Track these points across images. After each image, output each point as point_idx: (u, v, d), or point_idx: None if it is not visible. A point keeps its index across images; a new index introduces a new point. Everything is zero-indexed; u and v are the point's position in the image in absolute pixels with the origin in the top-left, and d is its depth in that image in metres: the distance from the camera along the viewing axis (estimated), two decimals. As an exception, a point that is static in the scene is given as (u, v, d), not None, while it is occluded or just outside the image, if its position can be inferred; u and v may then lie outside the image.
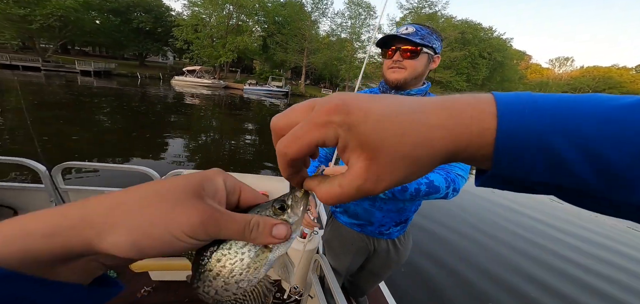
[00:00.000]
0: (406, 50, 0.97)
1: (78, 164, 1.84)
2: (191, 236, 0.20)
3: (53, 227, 0.18)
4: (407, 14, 34.61)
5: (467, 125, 0.19)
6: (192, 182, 0.22)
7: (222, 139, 8.88)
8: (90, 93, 14.79)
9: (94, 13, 29.84)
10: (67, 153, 5.65)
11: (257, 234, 0.23)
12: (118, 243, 0.19)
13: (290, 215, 0.25)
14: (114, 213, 0.19)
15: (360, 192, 0.20)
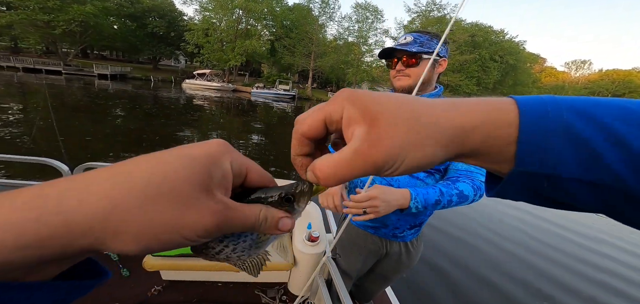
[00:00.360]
0: (405, 60, 1.03)
1: (99, 164, 1.96)
2: (204, 236, 0.20)
3: (50, 228, 0.15)
4: (415, 17, 34.43)
5: (478, 111, 0.19)
6: (198, 171, 0.20)
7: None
8: (106, 96, 15.54)
9: (112, 18, 31.33)
10: (82, 153, 5.91)
11: (265, 227, 0.24)
12: (125, 249, 0.17)
13: (295, 208, 0.26)
14: (114, 218, 0.17)
15: (358, 156, 0.20)
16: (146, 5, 32.66)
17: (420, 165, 0.20)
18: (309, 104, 27.66)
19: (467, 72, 33.30)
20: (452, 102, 0.21)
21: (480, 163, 0.21)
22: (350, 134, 0.21)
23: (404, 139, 0.20)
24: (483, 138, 0.20)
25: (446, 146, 0.20)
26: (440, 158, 0.20)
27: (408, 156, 0.20)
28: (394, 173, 0.21)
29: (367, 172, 0.20)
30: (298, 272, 1.60)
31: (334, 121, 0.22)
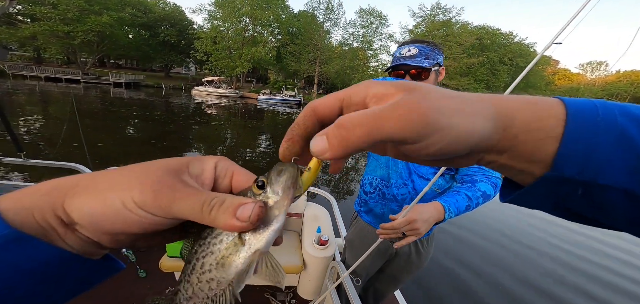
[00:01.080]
0: (414, 71, 1.03)
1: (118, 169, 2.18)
2: (141, 206, 0.19)
3: (49, 187, 0.19)
4: (420, 21, 34.35)
5: (522, 100, 0.18)
6: (177, 161, 0.21)
7: (238, 146, 9.33)
8: (121, 103, 16.22)
9: (127, 28, 32.91)
10: (100, 157, 6.21)
11: (217, 212, 0.20)
12: (79, 206, 0.19)
13: (270, 195, 0.21)
14: (95, 179, 0.20)
15: (399, 108, 0.17)
16: (158, 14, 34.25)
17: (469, 136, 0.18)
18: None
19: (475, 75, 32.76)
20: (487, 98, 0.19)
21: (510, 161, 0.19)
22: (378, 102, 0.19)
23: (450, 104, 0.18)
24: (524, 127, 0.18)
25: (494, 120, 0.18)
26: (488, 133, 0.18)
27: (457, 122, 0.17)
28: (437, 145, 0.17)
29: (405, 135, 0.17)
30: (307, 275, 1.62)
31: (353, 103, 0.20)
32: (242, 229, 0.20)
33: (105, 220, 0.19)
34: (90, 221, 0.19)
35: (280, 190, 0.21)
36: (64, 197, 0.19)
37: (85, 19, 25.44)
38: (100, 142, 7.74)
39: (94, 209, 0.19)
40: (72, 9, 24.80)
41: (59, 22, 24.66)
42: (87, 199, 0.19)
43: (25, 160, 1.87)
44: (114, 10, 27.88)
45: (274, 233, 0.21)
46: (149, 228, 0.20)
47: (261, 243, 0.21)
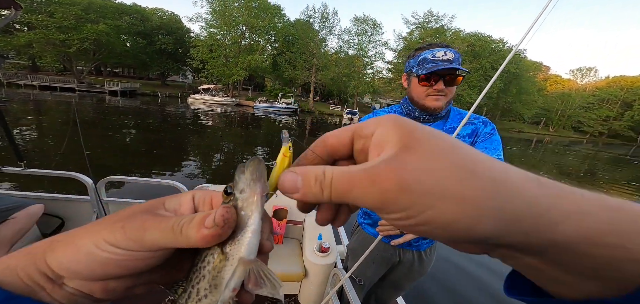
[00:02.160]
0: (449, 79, 0.95)
1: (120, 178, 2.03)
2: (112, 244, 0.19)
3: (31, 247, 0.20)
4: (414, 28, 35.10)
5: (580, 201, 0.14)
6: (153, 201, 0.22)
7: (235, 154, 9.32)
8: (117, 112, 16.17)
9: (124, 36, 33.08)
10: (97, 166, 6.36)
11: (187, 229, 0.20)
12: (57, 258, 0.19)
13: (237, 195, 0.21)
14: (67, 234, 0.20)
15: (367, 177, 0.16)
16: (155, 23, 34.55)
17: (447, 229, 0.15)
18: (311, 117, 28.14)
19: (469, 82, 33.42)
20: (527, 173, 0.16)
21: (545, 266, 0.15)
22: (375, 155, 0.18)
23: (439, 182, 0.15)
24: (579, 238, 0.14)
25: (504, 220, 0.14)
26: (482, 234, 0.14)
27: (435, 206, 0.15)
28: (403, 222, 0.16)
29: (367, 200, 0.16)
30: (309, 283, 1.60)
31: (362, 136, 0.20)
32: (213, 236, 0.20)
33: (82, 266, 0.19)
34: (69, 269, 0.19)
35: (246, 187, 0.20)
36: (45, 252, 0.20)
37: (81, 27, 25.59)
38: (95, 151, 7.76)
39: (69, 256, 0.19)
40: (69, 17, 24.97)
41: (55, 30, 24.75)
42: (63, 250, 0.19)
43: (25, 169, 1.84)
44: (110, 19, 28.11)
45: (252, 235, 0.20)
46: (131, 266, 0.20)
47: (241, 250, 0.20)
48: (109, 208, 2.04)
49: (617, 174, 13.64)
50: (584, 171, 13.24)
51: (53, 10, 24.36)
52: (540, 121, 54.67)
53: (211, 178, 6.41)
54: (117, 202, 2.06)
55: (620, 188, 10.33)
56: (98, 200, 1.90)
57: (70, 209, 1.97)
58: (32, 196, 1.92)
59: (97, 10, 27.35)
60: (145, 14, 35.16)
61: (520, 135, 41.35)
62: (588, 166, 15.41)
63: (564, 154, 21.91)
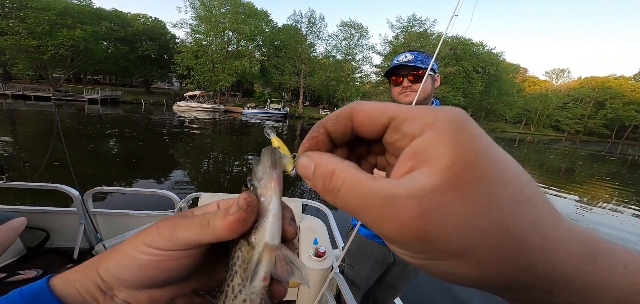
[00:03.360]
0: (412, 76, 1.08)
1: (107, 189, 2.00)
2: (149, 245, 0.21)
3: (85, 263, 0.23)
4: (399, 32, 35.96)
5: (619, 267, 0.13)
6: (183, 212, 0.24)
7: (223, 162, 9.04)
8: (97, 121, 15.47)
9: (105, 43, 31.93)
10: (80, 178, 5.93)
11: (214, 221, 0.21)
12: (106, 268, 0.22)
13: (256, 184, 0.22)
14: (123, 243, 0.22)
15: (385, 208, 0.13)
16: (137, 28, 33.60)
17: (463, 282, 0.13)
18: (301, 122, 28.02)
19: (452, 83, 34.48)
20: (590, 238, 0.13)
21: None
22: (404, 170, 0.14)
23: (475, 247, 0.12)
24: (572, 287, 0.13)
25: (521, 285, 0.13)
26: (483, 287, 0.13)
27: (456, 266, 0.13)
28: (409, 260, 0.14)
29: (375, 229, 0.14)
30: (306, 288, 1.59)
31: (402, 133, 0.15)
32: (238, 222, 0.20)
33: (126, 271, 0.21)
34: (116, 277, 0.21)
35: (263, 175, 0.21)
36: (98, 264, 0.22)
37: (56, 33, 24.50)
38: (77, 161, 7.30)
39: (115, 263, 0.21)
40: (42, 22, 23.84)
41: (27, 36, 23.54)
42: (111, 259, 0.22)
43: (7, 182, 1.80)
44: (88, 24, 27.05)
45: (273, 219, 0.21)
46: (167, 268, 0.21)
47: (265, 235, 0.21)
48: (97, 219, 1.99)
49: (593, 170, 14.26)
50: (564, 169, 13.76)
51: (25, 15, 23.16)
52: (522, 121, 57.07)
53: (201, 186, 6.19)
54: (106, 213, 2.01)
55: (596, 184, 10.82)
56: (85, 211, 1.86)
57: (56, 222, 1.92)
58: (14, 209, 1.86)
59: (73, 15, 26.23)
60: (127, 20, 34.20)
61: (504, 135, 42.89)
62: (568, 163, 16.04)
63: (545, 152, 22.76)
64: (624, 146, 42.94)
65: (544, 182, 9.81)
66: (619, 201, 7.89)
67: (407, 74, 1.09)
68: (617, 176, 12.75)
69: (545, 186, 8.97)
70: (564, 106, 55.24)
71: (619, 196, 8.68)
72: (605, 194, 8.65)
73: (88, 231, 1.97)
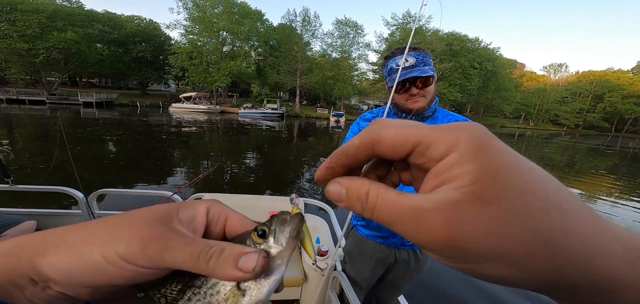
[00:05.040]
0: (420, 84, 1.03)
1: (112, 190, 2.05)
2: (125, 259, 0.17)
3: (10, 247, 0.18)
4: (395, 29, 35.77)
5: None
6: (167, 207, 0.20)
7: (223, 163, 8.86)
8: (93, 124, 15.31)
9: (99, 45, 31.67)
10: (71, 183, 5.97)
11: (216, 262, 0.18)
12: (53, 264, 0.17)
13: (272, 244, 0.20)
14: (66, 234, 0.18)
15: (414, 220, 0.14)
16: (130, 30, 33.32)
17: (491, 280, 0.14)
18: (298, 121, 27.84)
19: (449, 80, 34.31)
20: (636, 238, 0.14)
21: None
22: (431, 186, 0.15)
23: (506, 251, 0.13)
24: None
25: (561, 287, 0.14)
26: (529, 288, 0.14)
27: (489, 268, 0.14)
28: (440, 261, 0.15)
29: (410, 238, 0.15)
30: (309, 287, 1.59)
31: (427, 157, 0.16)
32: (244, 280, 0.19)
33: (84, 276, 0.17)
34: (66, 277, 0.18)
35: (284, 241, 0.20)
36: (33, 256, 0.18)
37: (47, 36, 24.26)
38: (77, 164, 7.08)
39: (70, 265, 0.17)
40: (33, 25, 23.61)
41: (17, 39, 23.32)
42: (61, 256, 0.18)
43: (13, 186, 1.83)
44: (80, 27, 26.81)
45: (275, 283, 0.20)
46: (135, 280, 0.18)
47: (263, 294, 0.19)
48: None
49: (592, 164, 14.07)
50: (564, 163, 13.58)
51: (14, 18, 22.94)
52: (521, 116, 56.90)
53: (200, 187, 6.10)
54: (111, 215, 1.94)
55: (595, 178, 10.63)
56: (90, 213, 1.90)
57: (62, 224, 1.83)
58: (22, 212, 1.91)
59: (64, 18, 25.99)
60: (120, 22, 33.95)
61: (503, 130, 42.69)
62: (568, 158, 15.87)
63: (544, 146, 22.60)
64: (624, 138, 42.80)
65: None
66: (618, 196, 7.69)
67: (416, 82, 1.04)
68: (617, 170, 12.56)
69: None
70: (563, 101, 55.07)
71: (619, 190, 8.49)
72: (604, 189, 8.46)
73: None
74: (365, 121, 1.22)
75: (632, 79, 51.09)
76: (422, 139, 0.16)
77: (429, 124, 0.16)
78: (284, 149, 12.08)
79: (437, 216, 0.13)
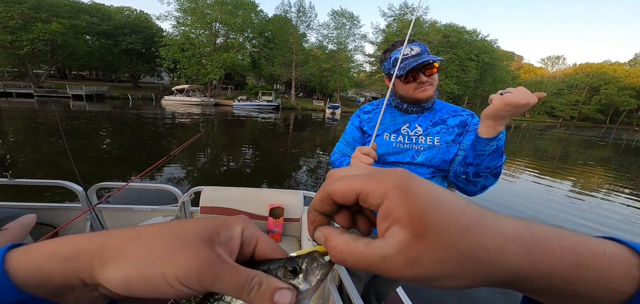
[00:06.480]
0: (429, 72, 1.02)
1: (110, 184, 2.05)
2: (183, 283, 0.19)
3: (72, 252, 0.19)
4: (392, 21, 35.21)
5: (555, 252, 0.17)
6: (209, 226, 0.22)
7: (217, 155, 8.73)
8: (83, 117, 14.89)
9: (88, 37, 30.72)
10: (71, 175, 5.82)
11: (256, 295, 0.21)
12: (112, 276, 0.19)
13: (302, 281, 0.22)
14: (124, 246, 0.20)
15: (384, 265, 0.18)
16: (118, 21, 32.30)
17: (446, 289, 0.18)
18: (293, 114, 27.52)
19: (446, 71, 34.02)
20: (524, 235, 0.17)
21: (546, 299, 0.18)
22: (384, 229, 0.19)
23: (449, 271, 0.17)
24: (547, 286, 0.17)
25: (496, 283, 0.18)
26: (480, 287, 0.18)
27: (445, 283, 0.17)
28: (424, 286, 0.18)
29: (381, 273, 0.18)
30: None
31: (368, 203, 0.20)
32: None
33: (141, 289, 0.19)
34: (124, 289, 0.19)
35: (314, 282, 0.22)
36: (93, 265, 0.19)
37: (30, 27, 23.42)
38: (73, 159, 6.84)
39: (130, 279, 0.19)
40: (15, 16, 22.78)
41: (1, 30, 22.57)
42: (121, 270, 0.19)
43: (12, 180, 1.85)
44: (65, 18, 25.93)
45: None
46: (180, 297, 0.20)
47: None
48: (103, 215, 2.08)
49: (584, 156, 14.14)
50: (557, 155, 13.59)
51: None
52: (517, 108, 56.86)
53: (198, 180, 6.08)
54: (111, 209, 2.09)
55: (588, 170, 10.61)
56: (91, 206, 1.91)
57: (63, 218, 1.97)
58: (23, 206, 1.93)
59: (48, 9, 25.05)
60: (108, 13, 32.89)
61: (498, 122, 42.64)
62: (561, 150, 15.88)
63: (540, 138, 22.64)
64: (619, 130, 43.18)
65: (538, 169, 9.56)
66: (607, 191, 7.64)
67: (423, 70, 1.02)
68: (607, 162, 12.59)
69: (538, 174, 8.71)
70: (559, 93, 55.22)
71: (609, 184, 8.45)
72: (594, 183, 8.42)
73: (95, 226, 2.06)
74: (366, 113, 1.20)
75: (628, 71, 51.14)
76: (361, 189, 0.19)
77: (366, 175, 0.20)
78: (280, 141, 11.90)
79: (399, 259, 0.17)
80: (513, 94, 0.76)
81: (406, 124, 1.10)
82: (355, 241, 0.20)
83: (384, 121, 1.13)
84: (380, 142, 1.11)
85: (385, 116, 1.14)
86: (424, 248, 0.17)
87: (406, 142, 1.08)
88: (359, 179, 0.20)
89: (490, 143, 0.83)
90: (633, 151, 17.82)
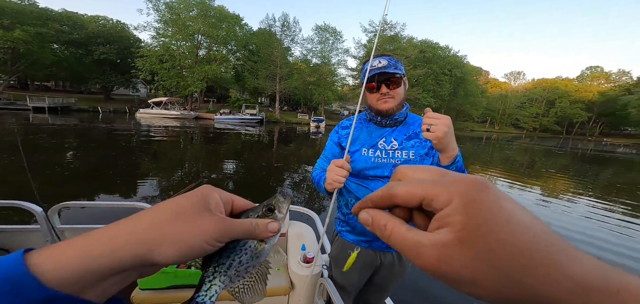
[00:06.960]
0: (392, 82, 1.08)
1: (75, 203, 1.90)
2: (218, 240, 0.27)
3: (116, 245, 0.23)
4: (372, 36, 36.95)
5: None
6: (197, 200, 0.27)
7: (195, 172, 8.22)
8: (45, 131, 13.58)
9: (56, 46, 28.74)
10: (29, 193, 5.32)
11: (258, 231, 0.30)
12: (167, 254, 0.24)
13: (277, 214, 0.33)
14: (155, 231, 0.24)
15: (415, 251, 0.20)
16: (92, 30, 30.75)
17: (474, 298, 0.19)
18: (278, 127, 27.34)
19: (422, 86, 36.07)
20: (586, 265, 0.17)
21: None
22: (435, 227, 0.20)
23: (475, 279, 0.18)
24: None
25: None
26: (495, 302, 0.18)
27: (464, 288, 0.18)
28: (447, 284, 0.19)
29: (416, 264, 0.20)
30: (296, 295, 1.59)
31: (432, 207, 0.21)
32: (271, 236, 0.31)
33: (192, 256, 0.26)
34: (178, 259, 0.25)
35: (284, 211, 0.34)
36: (152, 246, 0.24)
37: (-11, 34, 21.61)
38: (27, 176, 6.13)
39: (184, 251, 0.25)
40: (-30, 22, 20.93)
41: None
42: (176, 247, 0.25)
43: None
44: (30, 25, 24.16)
45: (278, 235, 0.33)
46: (209, 253, 0.28)
47: (273, 241, 0.33)
48: (65, 236, 1.94)
49: (548, 164, 15.41)
50: (525, 164, 14.73)
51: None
52: (487, 120, 61.46)
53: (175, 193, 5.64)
54: (75, 229, 1.97)
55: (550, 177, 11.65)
56: (51, 228, 1.79)
57: (18, 241, 1.87)
58: None
59: (11, 16, 23.37)
60: (81, 21, 31.29)
61: (472, 133, 45.72)
62: (527, 159, 17.26)
63: (508, 148, 24.42)
64: (574, 140, 47.75)
65: (507, 177, 10.32)
66: (572, 194, 8.46)
67: (385, 81, 1.08)
68: (567, 169, 13.89)
69: (508, 181, 9.41)
70: (522, 106, 60.45)
71: (572, 188, 9.36)
72: (557, 187, 9.27)
73: None
74: (343, 128, 1.26)
75: (577, 86, 57.76)
76: (426, 194, 0.21)
77: (433, 181, 0.21)
78: (264, 155, 11.70)
79: (431, 251, 0.19)
80: (435, 128, 0.86)
81: (382, 138, 1.15)
82: (402, 223, 0.22)
83: (362, 137, 1.19)
84: (358, 157, 1.15)
85: (362, 131, 1.20)
86: (462, 252, 0.18)
87: (383, 156, 1.13)
88: (425, 185, 0.21)
89: (450, 167, 0.92)
90: (588, 159, 19.84)
